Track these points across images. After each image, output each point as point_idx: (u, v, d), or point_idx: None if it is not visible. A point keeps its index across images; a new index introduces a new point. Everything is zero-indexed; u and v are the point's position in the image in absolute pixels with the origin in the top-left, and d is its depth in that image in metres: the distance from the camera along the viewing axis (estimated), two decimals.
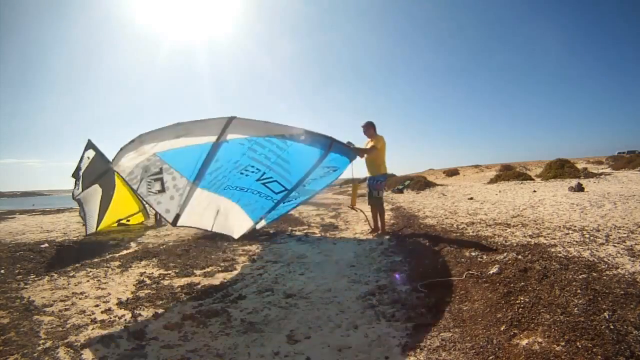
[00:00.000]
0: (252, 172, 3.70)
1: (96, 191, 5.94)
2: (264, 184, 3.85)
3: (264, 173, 3.75)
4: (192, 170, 3.30)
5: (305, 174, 3.93)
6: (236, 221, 3.92)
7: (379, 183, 5.02)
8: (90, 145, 5.88)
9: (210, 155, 3.24)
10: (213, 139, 3.15)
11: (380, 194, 5.04)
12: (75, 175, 6.07)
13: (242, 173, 3.66)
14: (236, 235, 4.00)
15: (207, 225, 3.76)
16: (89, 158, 5.87)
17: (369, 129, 5.04)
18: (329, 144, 3.77)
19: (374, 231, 5.23)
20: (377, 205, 5.13)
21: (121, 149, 3.07)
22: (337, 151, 4.04)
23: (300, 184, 4.03)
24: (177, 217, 3.31)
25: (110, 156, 5.31)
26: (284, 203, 4.60)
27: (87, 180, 5.84)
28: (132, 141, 3.01)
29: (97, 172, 5.75)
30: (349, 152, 4.28)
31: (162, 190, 3.28)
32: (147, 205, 8.15)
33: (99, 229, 6.99)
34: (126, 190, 6.23)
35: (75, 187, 6.00)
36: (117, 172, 3.28)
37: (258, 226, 4.59)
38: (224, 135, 3.14)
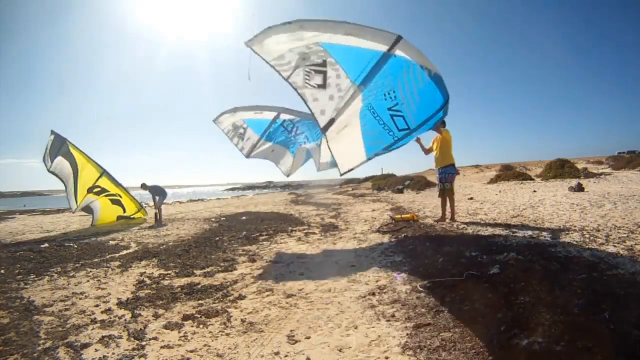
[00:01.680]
0: (390, 97, 3.50)
1: (67, 165, 7.71)
2: (392, 115, 3.63)
3: (397, 103, 3.56)
4: (359, 73, 3.07)
5: (425, 120, 3.72)
6: (350, 150, 3.57)
7: (451, 176, 5.23)
8: (52, 132, 7.78)
9: (380, 63, 3.08)
10: (384, 48, 2.99)
11: (452, 185, 5.26)
12: (44, 155, 7.86)
13: (384, 95, 3.45)
14: (342, 170, 3.64)
15: (330, 134, 3.42)
16: (51, 140, 7.70)
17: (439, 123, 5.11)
18: (448, 98, 3.65)
19: (441, 219, 5.38)
20: (450, 193, 5.30)
21: (269, 27, 2.73)
22: (446, 110, 3.91)
23: (415, 131, 3.79)
24: (331, 122, 3.03)
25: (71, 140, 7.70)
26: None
27: (52, 155, 7.68)
28: (289, 23, 2.70)
29: (57, 147, 7.62)
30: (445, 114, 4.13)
31: (323, 85, 3.02)
32: (144, 205, 8.76)
33: (98, 222, 7.67)
34: (85, 159, 7.75)
35: (45, 164, 7.81)
36: (256, 52, 2.94)
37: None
38: (394, 49, 2.99)
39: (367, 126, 3.65)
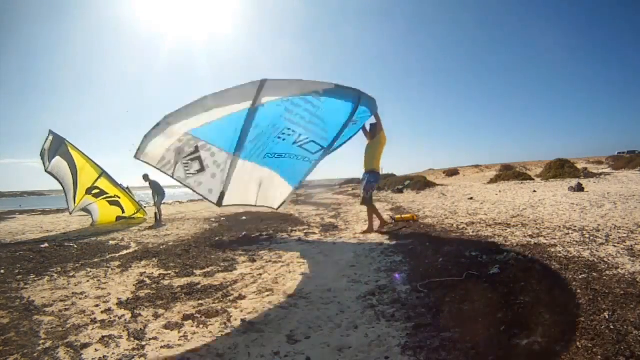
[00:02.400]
0: (289, 135, 3.50)
1: (64, 165, 7.68)
2: (300, 146, 3.66)
3: (300, 134, 3.55)
4: (231, 142, 3.11)
5: (341, 130, 3.71)
6: (277, 190, 3.72)
7: (369, 184, 4.87)
8: (50, 132, 7.70)
9: (248, 121, 3.04)
10: (248, 104, 2.94)
11: (368, 194, 4.90)
12: (41, 154, 7.82)
13: (279, 137, 3.48)
14: (276, 206, 3.82)
15: (251, 200, 3.62)
16: (50, 140, 7.65)
17: (377, 125, 4.92)
18: (358, 97, 3.58)
19: (381, 227, 5.17)
20: (364, 203, 5.01)
21: (145, 137, 2.83)
22: (364, 103, 3.84)
23: (335, 142, 3.80)
24: (222, 195, 3.12)
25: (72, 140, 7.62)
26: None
27: (50, 155, 7.65)
28: (157, 125, 2.77)
29: (55, 148, 7.57)
30: (372, 103, 4.03)
31: (202, 169, 3.11)
32: (144, 204, 8.78)
33: (98, 222, 7.68)
34: (84, 160, 7.77)
35: (44, 164, 7.76)
36: (145, 162, 3.09)
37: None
38: (259, 99, 2.92)
39: (282, 168, 3.75)
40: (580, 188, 7.90)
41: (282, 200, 3.77)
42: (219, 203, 3.15)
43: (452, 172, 29.79)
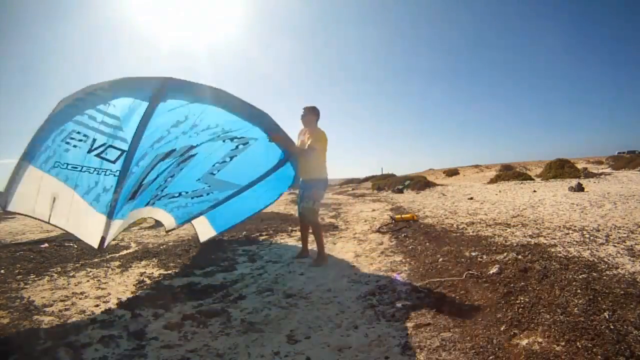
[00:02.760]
0: (80, 140, 2.91)
1: None
2: (98, 155, 3.00)
3: (94, 140, 2.94)
4: (24, 149, 2.75)
5: (139, 129, 2.95)
6: (86, 220, 3.09)
7: (313, 192, 3.71)
8: None
9: (39, 131, 2.71)
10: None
11: (315, 205, 3.73)
12: None
13: (67, 143, 2.90)
14: (95, 244, 3.06)
15: (42, 215, 2.98)
16: None
17: (310, 115, 3.71)
18: (160, 85, 2.81)
19: (301, 255, 3.95)
20: (309, 219, 3.82)
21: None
22: (179, 96, 2.99)
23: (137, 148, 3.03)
24: (6, 200, 2.70)
25: None
26: (192, 198, 4.02)
27: None
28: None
29: None
30: (230, 100, 3.08)
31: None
32: None
33: None
34: None
35: None
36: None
37: (166, 224, 4.18)
38: (54, 111, 2.65)
39: (80, 186, 3.04)
40: (580, 188, 7.90)
41: (99, 235, 3.05)
42: (4, 207, 2.74)
43: (452, 172, 29.77)
